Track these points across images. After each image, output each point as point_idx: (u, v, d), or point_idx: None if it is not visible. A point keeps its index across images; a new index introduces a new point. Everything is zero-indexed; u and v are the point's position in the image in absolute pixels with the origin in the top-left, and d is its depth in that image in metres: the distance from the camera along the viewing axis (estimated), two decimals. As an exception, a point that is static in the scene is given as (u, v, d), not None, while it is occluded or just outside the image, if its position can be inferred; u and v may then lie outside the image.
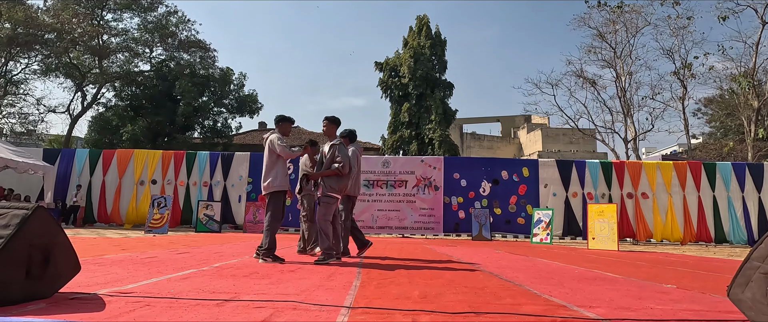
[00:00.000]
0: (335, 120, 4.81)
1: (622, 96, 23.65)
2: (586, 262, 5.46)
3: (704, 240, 12.14)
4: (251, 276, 3.18)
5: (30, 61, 22.74)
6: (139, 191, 13.24)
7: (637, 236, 12.23)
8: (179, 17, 25.09)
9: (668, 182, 12.48)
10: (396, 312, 2.03)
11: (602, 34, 24.24)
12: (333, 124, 4.79)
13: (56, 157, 13.52)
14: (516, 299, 2.51)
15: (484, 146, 43.08)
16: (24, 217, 1.93)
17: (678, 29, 22.42)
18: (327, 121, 4.79)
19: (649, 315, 2.14)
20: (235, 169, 13.36)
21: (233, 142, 25.00)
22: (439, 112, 25.05)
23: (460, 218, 12.76)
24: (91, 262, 3.84)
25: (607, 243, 8.75)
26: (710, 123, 28.52)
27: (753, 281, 1.90)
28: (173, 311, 1.91)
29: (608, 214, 8.99)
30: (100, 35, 22.82)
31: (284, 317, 1.87)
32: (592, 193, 12.63)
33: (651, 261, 5.97)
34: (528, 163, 13.45)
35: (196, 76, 24.12)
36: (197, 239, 8.04)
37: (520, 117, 44.46)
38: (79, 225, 12.79)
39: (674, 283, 3.53)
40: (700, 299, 2.70)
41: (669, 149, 39.21)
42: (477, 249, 7.51)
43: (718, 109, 25.07)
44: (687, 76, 22.08)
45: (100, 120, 23.70)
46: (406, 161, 13.53)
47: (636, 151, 23.13)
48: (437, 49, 26.90)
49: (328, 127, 4.77)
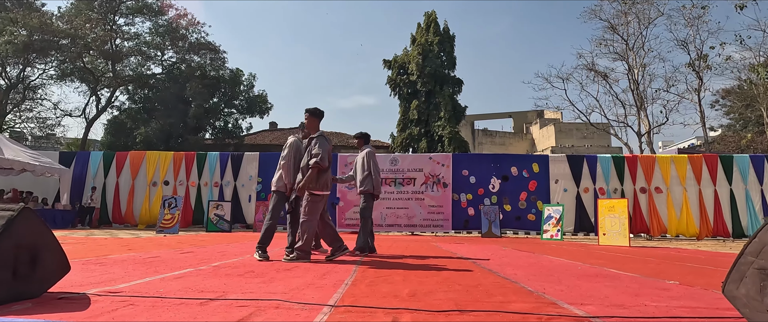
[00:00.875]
0: (316, 112, 4.57)
1: (635, 89, 23.18)
2: (593, 258, 5.36)
3: (721, 235, 11.83)
4: (245, 275, 3.19)
5: (46, 66, 23.32)
6: (151, 192, 13.47)
7: (650, 232, 11.98)
8: (189, 20, 25.42)
9: (683, 175, 12.18)
10: (378, 311, 2.01)
11: (614, 26, 23.80)
12: (314, 117, 4.53)
13: (72, 160, 13.83)
14: (507, 296, 2.46)
15: (496, 142, 42.70)
16: (9, 218, 1.96)
17: (693, 19, 21.89)
18: (308, 113, 4.52)
19: (641, 313, 2.08)
20: (244, 169, 13.49)
21: (244, 143, 25.26)
22: (449, 108, 24.90)
23: (469, 215, 12.67)
24: (93, 262, 3.91)
25: (618, 239, 8.58)
26: (728, 115, 27.79)
27: (747, 276, 1.83)
28: (155, 311, 1.92)
29: (619, 209, 8.81)
30: (112, 40, 23.28)
31: (264, 316, 1.87)
32: (603, 188, 12.41)
33: (661, 257, 5.83)
34: (538, 158, 13.27)
35: (206, 77, 24.43)
36: (205, 239, 8.13)
37: (532, 112, 43.96)
38: (94, 226, 13.07)
39: (679, 279, 3.43)
40: (700, 296, 2.62)
41: (686, 143, 38.34)
42: (484, 246, 7.44)
43: (736, 100, 24.42)
44: (703, 68, 21.53)
45: (115, 123, 24.19)
46: (414, 159, 13.47)
47: (650, 145, 22.65)
48: (446, 45, 26.73)
49: (309, 120, 4.51)
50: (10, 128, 25.26)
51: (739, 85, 23.69)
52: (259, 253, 4.38)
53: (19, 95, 23.86)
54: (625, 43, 23.79)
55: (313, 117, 4.53)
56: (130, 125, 23.63)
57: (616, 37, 23.92)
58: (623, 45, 23.85)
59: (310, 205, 4.27)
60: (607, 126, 25.62)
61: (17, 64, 22.23)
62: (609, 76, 24.29)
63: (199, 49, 25.33)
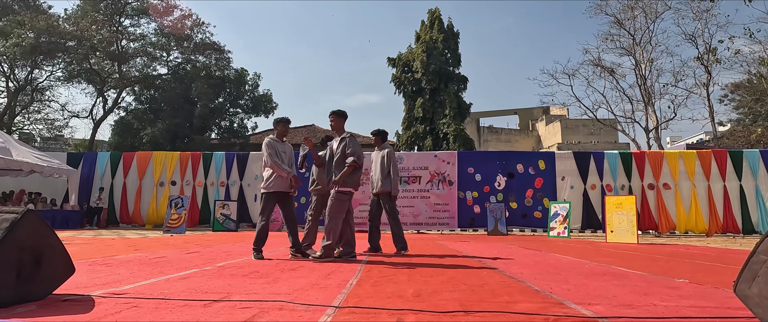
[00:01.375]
0: (342, 114, 4.69)
1: (643, 84, 22.95)
2: (600, 256, 5.30)
3: (731, 231, 11.68)
4: (250, 276, 3.18)
5: (54, 68, 23.53)
6: (159, 192, 13.56)
7: (659, 229, 11.86)
8: (194, 20, 25.52)
9: (691, 171, 12.03)
10: (383, 312, 1.99)
11: (620, 21, 23.55)
12: (340, 118, 4.67)
13: (79, 161, 13.95)
14: (513, 296, 2.43)
15: (502, 140, 42.50)
16: (13, 221, 1.97)
17: (701, 13, 21.60)
18: (334, 115, 4.65)
19: (651, 313, 2.04)
20: (250, 168, 13.54)
21: (250, 142, 25.33)
22: (454, 106, 24.81)
23: (475, 212, 12.62)
24: (100, 262, 3.92)
25: (625, 236, 8.50)
26: (738, 109, 27.41)
27: (759, 275, 1.78)
28: (159, 312, 1.91)
29: (627, 206, 8.72)
30: (118, 41, 23.42)
31: (267, 317, 1.85)
32: (611, 184, 12.30)
33: (669, 254, 5.76)
34: (544, 155, 13.17)
35: (211, 77, 24.52)
36: (212, 239, 8.16)
37: (538, 109, 43.67)
38: (102, 226, 13.18)
39: (688, 277, 3.38)
40: (711, 295, 2.57)
41: (695, 138, 37.91)
42: (490, 244, 7.40)
43: (745, 94, 24.07)
44: (711, 62, 21.25)
45: (122, 124, 24.37)
46: (419, 157, 13.43)
47: (658, 141, 22.42)
48: (450, 43, 26.62)
49: (336, 121, 4.65)
50: (19, 130, 25.55)
51: (749, 79, 23.34)
52: (253, 254, 4.47)
53: (27, 97, 24.12)
54: (631, 37, 23.57)
55: (340, 118, 4.66)
56: (137, 126, 23.79)
57: (623, 31, 23.70)
58: (630, 40, 23.63)
59: (336, 202, 4.35)
60: (614, 122, 25.40)
61: (25, 66, 22.45)
62: (616, 72, 24.09)
63: (204, 49, 25.42)
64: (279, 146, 4.65)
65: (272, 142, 4.64)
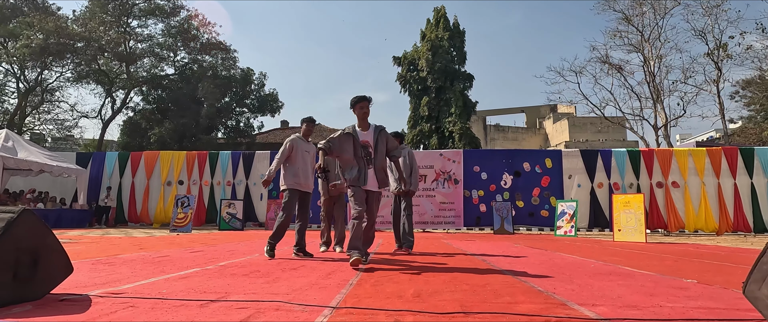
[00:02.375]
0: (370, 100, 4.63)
1: (651, 81, 22.63)
2: (607, 255, 5.23)
3: (742, 230, 11.49)
4: (250, 275, 3.17)
5: (63, 69, 23.79)
6: (166, 191, 13.65)
7: (668, 227, 11.70)
8: (200, 20, 25.65)
9: (701, 169, 11.85)
10: (380, 312, 1.96)
11: (628, 18, 23.24)
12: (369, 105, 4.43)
13: (88, 160, 14.10)
14: (515, 297, 2.39)
15: (509, 138, 42.24)
16: (9, 221, 1.96)
17: (711, 8, 21.25)
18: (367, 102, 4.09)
19: (656, 314, 1.98)
20: (256, 167, 13.58)
21: (256, 142, 25.44)
22: (459, 104, 24.70)
23: (481, 211, 12.54)
24: (103, 261, 3.93)
25: (633, 235, 8.39)
26: (749, 106, 26.94)
27: (769, 276, 1.72)
28: (155, 313, 1.89)
29: (634, 204, 8.60)
30: (126, 42, 23.61)
31: (263, 318, 1.83)
32: (618, 183, 12.16)
33: (678, 253, 5.66)
34: (551, 153, 13.05)
35: (218, 77, 24.65)
36: (217, 238, 8.19)
37: (545, 107, 43.35)
38: (110, 225, 13.30)
39: (697, 277, 3.30)
40: (719, 296, 2.50)
41: (705, 135, 37.40)
42: (495, 243, 7.33)
43: (757, 91, 23.67)
44: (722, 58, 20.91)
45: (130, 123, 24.59)
46: (425, 155, 13.37)
47: (667, 139, 22.11)
48: (456, 41, 26.49)
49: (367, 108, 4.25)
50: (30, 130, 25.88)
51: (761, 75, 22.94)
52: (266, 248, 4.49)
53: (37, 98, 24.42)
54: (640, 34, 23.24)
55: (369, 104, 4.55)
56: (145, 126, 23.99)
57: (631, 28, 23.37)
58: (638, 36, 23.30)
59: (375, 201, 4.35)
60: (622, 120, 25.08)
61: (35, 67, 22.72)
62: (624, 69, 23.76)
63: (210, 49, 25.56)
64: (302, 145, 4.71)
65: (296, 140, 4.70)
